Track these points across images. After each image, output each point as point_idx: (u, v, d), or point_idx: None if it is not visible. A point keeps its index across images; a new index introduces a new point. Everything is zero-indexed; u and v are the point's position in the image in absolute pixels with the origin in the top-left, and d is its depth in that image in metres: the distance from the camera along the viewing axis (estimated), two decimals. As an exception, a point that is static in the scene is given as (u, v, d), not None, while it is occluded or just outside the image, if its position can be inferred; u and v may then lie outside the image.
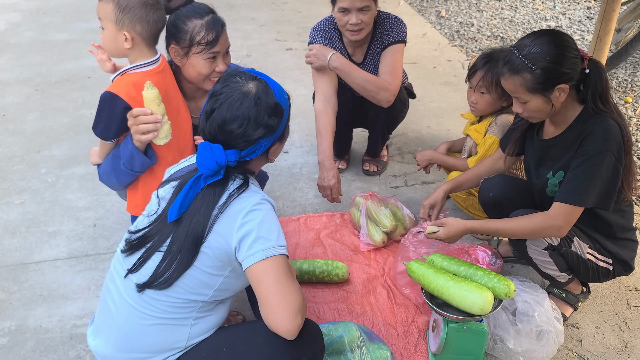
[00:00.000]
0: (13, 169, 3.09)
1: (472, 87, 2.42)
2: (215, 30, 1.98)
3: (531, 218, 1.87)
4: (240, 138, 1.48)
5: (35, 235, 2.59)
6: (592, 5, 5.69)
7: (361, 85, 2.57)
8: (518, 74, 1.75)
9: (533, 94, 1.77)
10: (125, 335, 1.48)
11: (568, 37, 1.77)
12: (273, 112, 1.51)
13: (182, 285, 1.45)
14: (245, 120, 1.47)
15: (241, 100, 1.47)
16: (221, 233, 1.43)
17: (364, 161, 3.11)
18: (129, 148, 1.91)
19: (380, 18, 2.63)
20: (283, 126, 1.57)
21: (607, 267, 1.96)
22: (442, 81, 4.16)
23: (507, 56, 1.80)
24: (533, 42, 1.75)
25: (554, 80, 1.73)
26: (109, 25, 1.87)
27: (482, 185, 2.20)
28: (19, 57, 4.58)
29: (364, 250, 2.45)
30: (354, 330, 1.81)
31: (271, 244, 1.41)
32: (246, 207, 1.44)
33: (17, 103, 3.84)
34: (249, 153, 1.51)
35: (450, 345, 1.83)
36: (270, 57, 4.58)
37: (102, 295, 1.58)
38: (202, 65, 2.00)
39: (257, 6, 5.85)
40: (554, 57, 1.71)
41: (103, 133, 1.95)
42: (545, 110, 1.81)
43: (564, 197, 1.80)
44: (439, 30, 5.20)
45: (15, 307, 2.19)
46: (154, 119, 1.83)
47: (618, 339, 2.05)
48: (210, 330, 1.54)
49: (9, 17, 5.50)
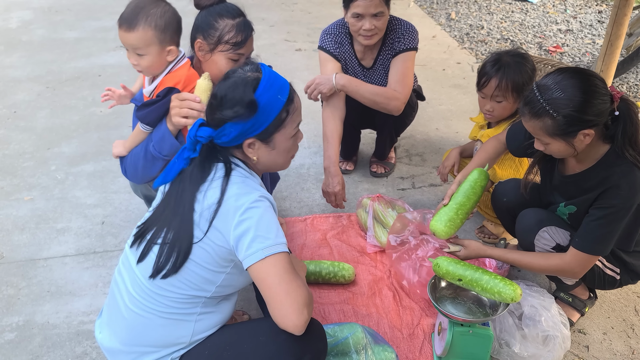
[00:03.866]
0: (23, 166, 3.11)
1: (487, 96, 2.32)
2: (245, 33, 2.02)
3: (548, 259, 1.85)
4: (212, 114, 1.52)
5: (44, 231, 2.61)
6: (604, 9, 5.65)
7: (370, 98, 2.57)
8: (538, 118, 1.67)
9: (554, 138, 1.69)
10: (131, 329, 1.50)
11: (596, 80, 1.65)
12: (243, 102, 1.48)
13: (184, 280, 1.46)
14: (219, 98, 1.50)
15: (229, 80, 1.52)
16: (219, 229, 1.44)
17: (371, 163, 3.11)
18: (162, 129, 1.96)
19: (392, 24, 2.62)
20: (258, 123, 1.51)
21: (613, 275, 1.94)
22: (451, 84, 4.15)
23: (528, 96, 1.70)
24: (557, 85, 1.64)
25: (577, 127, 1.64)
26: (153, 49, 1.89)
27: (496, 188, 2.19)
28: (31, 55, 4.61)
29: (371, 252, 2.45)
30: (359, 332, 1.81)
31: (270, 243, 1.41)
32: (244, 204, 1.43)
33: (28, 100, 3.87)
34: (218, 135, 1.51)
35: (455, 349, 1.83)
36: (280, 58, 4.59)
37: (110, 290, 1.60)
38: (225, 63, 2.02)
39: (267, 6, 5.86)
40: (578, 105, 1.61)
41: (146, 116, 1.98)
42: (568, 152, 1.73)
43: (583, 246, 1.77)
44: (449, 32, 5.19)
45: (23, 302, 2.21)
46: (200, 107, 1.88)
47: (625, 346, 2.03)
48: (214, 327, 1.54)
49: (21, 14, 5.54)
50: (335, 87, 2.55)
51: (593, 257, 1.79)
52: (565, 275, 1.91)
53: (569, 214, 1.90)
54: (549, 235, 1.88)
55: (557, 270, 1.85)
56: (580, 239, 1.78)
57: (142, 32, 1.86)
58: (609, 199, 1.72)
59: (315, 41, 4.07)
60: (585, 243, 1.76)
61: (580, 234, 1.79)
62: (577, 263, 1.79)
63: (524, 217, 2.00)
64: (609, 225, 1.73)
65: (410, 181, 3.02)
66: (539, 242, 1.91)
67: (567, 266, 1.81)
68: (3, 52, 4.66)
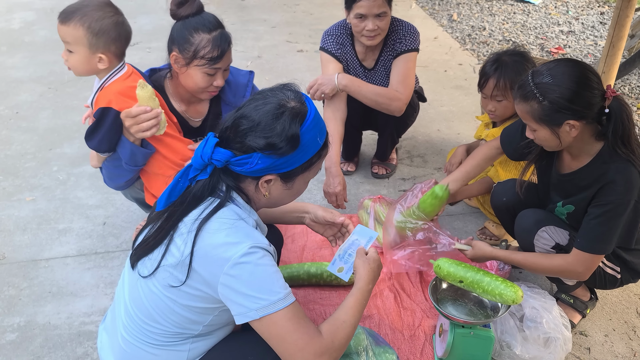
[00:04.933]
0: (25, 166, 3.12)
1: (487, 96, 2.35)
2: (221, 48, 1.96)
3: (552, 260, 1.86)
4: (240, 138, 1.35)
5: (45, 232, 2.61)
6: (606, 10, 5.65)
7: (372, 99, 2.57)
8: (526, 101, 1.70)
9: (540, 124, 1.72)
10: (125, 353, 1.47)
11: (590, 74, 1.67)
12: (285, 135, 1.33)
13: (167, 319, 1.39)
14: (255, 122, 1.34)
15: (269, 106, 1.36)
16: (204, 276, 1.31)
17: (373, 164, 3.11)
18: (128, 148, 1.94)
19: (394, 25, 2.63)
20: (290, 162, 1.38)
21: (614, 274, 1.94)
22: (452, 85, 4.15)
23: (522, 80, 1.74)
24: (549, 71, 1.67)
25: (563, 115, 1.66)
26: (81, 49, 1.86)
27: (495, 189, 2.19)
28: (33, 56, 4.62)
29: (372, 253, 2.45)
30: (360, 334, 1.81)
31: (264, 303, 1.28)
32: (231, 257, 1.28)
33: (30, 101, 3.88)
34: (239, 162, 1.35)
35: (456, 351, 1.82)
36: (281, 59, 4.59)
37: (114, 300, 1.58)
38: (201, 78, 2.00)
39: (269, 8, 5.86)
40: (565, 92, 1.64)
41: (98, 146, 1.97)
42: (553, 142, 1.75)
43: (585, 246, 1.77)
44: (451, 33, 5.18)
45: (24, 303, 2.21)
46: (154, 114, 1.87)
47: (627, 348, 2.03)
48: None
49: (24, 15, 5.55)
50: (337, 87, 2.55)
51: (596, 257, 1.79)
52: (570, 276, 1.91)
53: (567, 214, 1.91)
54: (548, 235, 1.88)
55: (561, 271, 1.86)
56: (581, 239, 1.78)
57: (73, 29, 1.83)
58: (606, 196, 1.73)
59: (316, 42, 4.06)
60: (587, 242, 1.77)
61: (582, 233, 1.79)
62: (580, 263, 1.79)
63: (522, 218, 2.00)
64: (609, 223, 1.73)
65: (412, 182, 3.02)
66: (539, 242, 1.91)
67: (571, 267, 1.81)
68: (5, 53, 4.67)
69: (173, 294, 1.36)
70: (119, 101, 1.89)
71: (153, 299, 1.39)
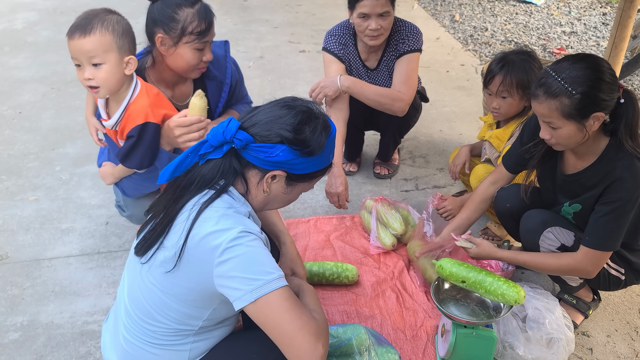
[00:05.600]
0: (28, 166, 3.12)
1: (492, 93, 2.35)
2: (207, 19, 1.92)
3: (559, 259, 1.85)
4: (269, 126, 1.36)
5: (48, 232, 2.62)
6: (608, 11, 5.64)
7: (375, 100, 2.57)
8: (555, 97, 1.67)
9: (568, 120, 1.68)
10: (127, 353, 1.48)
11: (605, 62, 1.69)
12: (314, 139, 1.38)
13: (165, 316, 1.39)
14: (286, 118, 1.37)
15: (301, 108, 1.40)
16: (198, 266, 1.31)
17: (375, 164, 3.11)
18: (165, 158, 1.94)
19: (397, 25, 2.63)
20: (306, 165, 1.41)
21: (618, 275, 1.94)
22: (455, 85, 4.15)
23: (542, 78, 1.71)
24: (572, 65, 1.66)
25: (591, 107, 1.65)
26: (111, 56, 1.76)
27: (498, 194, 2.19)
28: (36, 56, 4.63)
29: (374, 254, 2.45)
30: (363, 334, 1.81)
31: (258, 284, 1.26)
32: (221, 244, 1.27)
33: (33, 101, 3.89)
34: (259, 148, 1.35)
35: (459, 351, 1.82)
36: (284, 59, 4.59)
37: (116, 300, 1.59)
38: (192, 55, 1.95)
39: (272, 8, 5.87)
40: (594, 82, 1.63)
41: (140, 164, 1.93)
42: (577, 138, 1.73)
43: (593, 243, 1.77)
44: (453, 34, 5.18)
45: (27, 302, 2.21)
46: (206, 124, 1.86)
47: (629, 348, 2.03)
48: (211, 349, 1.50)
49: (27, 16, 5.57)
50: (340, 89, 2.55)
51: (605, 254, 1.79)
52: (579, 274, 1.90)
53: (574, 213, 1.90)
54: (554, 236, 1.88)
55: (570, 270, 1.85)
56: (590, 237, 1.78)
57: (100, 36, 1.72)
58: (615, 193, 1.72)
59: (319, 43, 4.07)
60: (596, 240, 1.77)
61: (590, 231, 1.79)
62: (589, 261, 1.79)
63: (528, 218, 1.99)
64: (618, 220, 1.73)
65: (414, 183, 3.02)
66: (544, 242, 1.90)
67: (580, 265, 1.80)
68: (8, 53, 4.68)
69: (169, 288, 1.36)
70: (155, 114, 1.87)
71: (150, 297, 1.39)
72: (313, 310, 1.42)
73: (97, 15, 1.77)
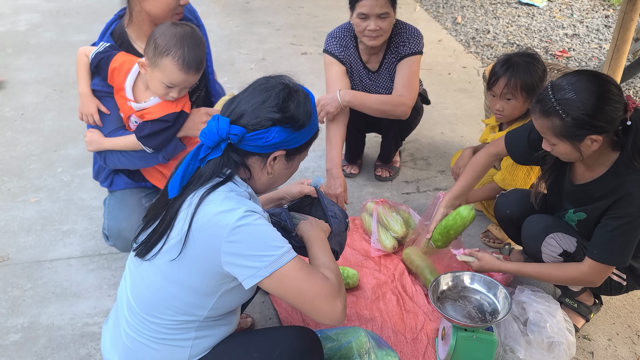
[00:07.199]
0: (30, 168, 3.13)
1: (496, 95, 2.34)
2: None
3: (565, 271, 1.85)
4: (256, 113, 1.39)
5: (49, 233, 2.62)
6: (610, 13, 5.63)
7: (377, 108, 2.58)
8: (547, 117, 1.65)
9: (561, 139, 1.67)
10: (128, 350, 1.48)
11: (612, 87, 1.63)
12: (302, 110, 1.42)
13: (169, 306, 1.40)
14: (269, 100, 1.40)
15: (280, 87, 1.44)
16: (204, 249, 1.33)
17: (376, 167, 3.11)
18: (174, 143, 2.04)
19: (398, 28, 2.63)
20: (300, 137, 1.45)
21: (620, 281, 1.93)
22: (456, 88, 4.14)
23: (541, 94, 1.69)
24: (571, 86, 1.62)
25: (585, 131, 1.62)
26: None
27: (498, 200, 2.18)
28: (38, 58, 4.64)
29: (375, 256, 2.45)
30: (363, 336, 1.81)
31: (272, 259, 1.31)
32: (228, 223, 1.29)
33: (36, 102, 3.89)
34: (254, 137, 1.38)
35: (459, 354, 1.82)
36: (285, 61, 4.60)
37: (117, 299, 1.59)
38: None
39: (274, 10, 5.88)
40: (589, 109, 1.59)
41: (159, 145, 2.02)
42: (574, 156, 1.71)
43: (601, 257, 1.76)
44: (455, 36, 5.18)
45: (28, 304, 2.22)
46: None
47: (630, 352, 2.02)
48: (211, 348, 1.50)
49: (30, 17, 5.58)
50: (341, 104, 2.55)
51: (611, 267, 1.79)
52: (583, 285, 1.92)
53: (578, 221, 1.89)
54: (556, 242, 1.87)
55: (576, 281, 1.86)
56: (598, 251, 1.76)
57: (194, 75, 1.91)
58: (624, 208, 1.70)
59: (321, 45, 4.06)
60: (604, 254, 1.75)
61: (597, 245, 1.77)
62: (596, 274, 1.79)
63: (530, 224, 1.98)
64: (626, 235, 1.72)
65: (415, 185, 3.02)
66: (546, 248, 1.90)
67: (586, 277, 1.80)
68: (11, 55, 4.70)
69: (174, 276, 1.37)
70: (187, 105, 2.03)
71: (155, 288, 1.40)
72: (324, 265, 1.44)
73: (199, 46, 1.90)
